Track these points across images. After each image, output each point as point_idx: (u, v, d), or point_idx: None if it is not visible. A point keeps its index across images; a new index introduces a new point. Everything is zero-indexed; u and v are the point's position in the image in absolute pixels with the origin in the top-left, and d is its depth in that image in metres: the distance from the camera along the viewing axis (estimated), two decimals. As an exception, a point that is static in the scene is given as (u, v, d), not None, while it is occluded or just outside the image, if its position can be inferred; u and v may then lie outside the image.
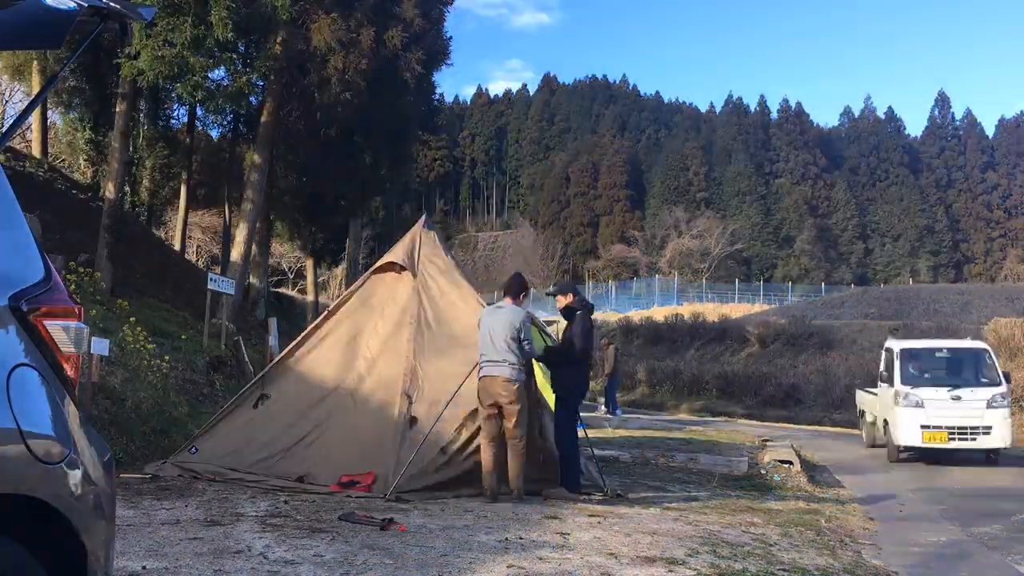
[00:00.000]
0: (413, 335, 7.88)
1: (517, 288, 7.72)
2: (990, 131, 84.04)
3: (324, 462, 7.43)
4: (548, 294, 9.17)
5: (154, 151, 24.31)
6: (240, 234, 17.41)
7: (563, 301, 7.93)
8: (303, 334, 8.27)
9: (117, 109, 16.27)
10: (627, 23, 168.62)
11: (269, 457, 7.51)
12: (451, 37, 20.53)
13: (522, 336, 7.15)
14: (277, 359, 8.07)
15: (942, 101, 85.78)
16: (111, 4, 2.53)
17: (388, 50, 16.24)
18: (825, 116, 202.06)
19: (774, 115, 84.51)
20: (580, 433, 7.84)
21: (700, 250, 66.04)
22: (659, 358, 26.71)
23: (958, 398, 11.95)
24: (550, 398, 7.92)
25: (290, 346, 8.18)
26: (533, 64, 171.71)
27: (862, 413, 15.43)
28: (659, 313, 36.25)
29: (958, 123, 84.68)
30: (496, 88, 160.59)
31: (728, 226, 69.15)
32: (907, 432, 12.00)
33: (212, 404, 10.80)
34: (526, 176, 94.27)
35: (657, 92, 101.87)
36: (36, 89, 21.42)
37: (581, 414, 7.93)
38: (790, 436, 15.43)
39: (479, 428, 7.30)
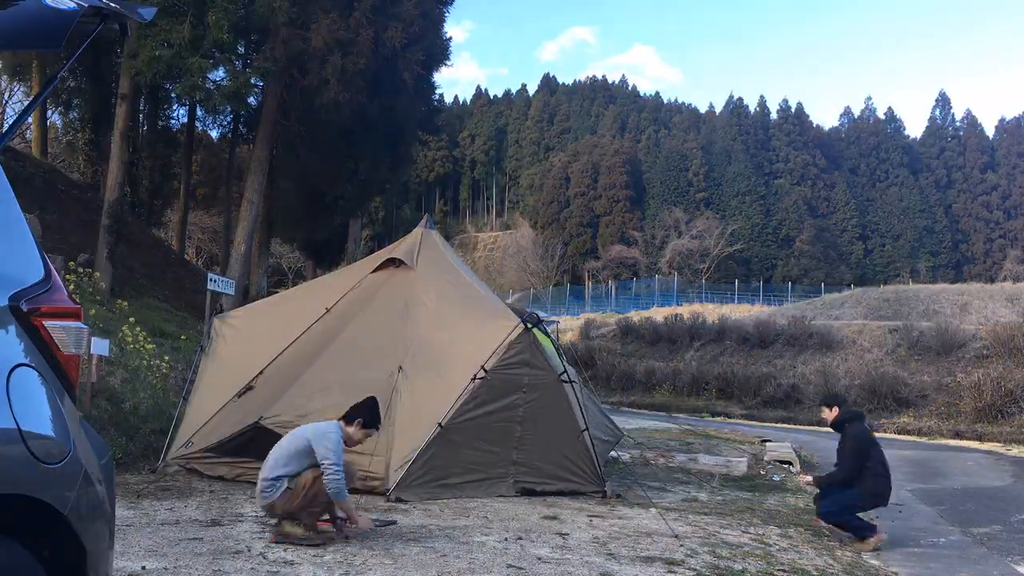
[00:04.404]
0: (408, 335, 7.88)
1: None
2: (990, 132, 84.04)
3: None
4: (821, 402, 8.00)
5: (154, 151, 24.33)
6: (240, 234, 17.41)
7: (829, 415, 7.04)
8: (300, 333, 8.25)
9: (117, 109, 16.27)
10: (629, 23, 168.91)
11: (253, 441, 7.55)
12: (451, 37, 20.55)
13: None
14: (274, 359, 8.05)
15: (942, 102, 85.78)
16: (111, 4, 2.53)
17: (387, 50, 16.23)
18: (825, 117, 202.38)
19: (774, 115, 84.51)
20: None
21: (700, 250, 65.96)
22: (659, 358, 26.68)
23: None
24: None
25: (287, 345, 8.16)
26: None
27: None
28: (659, 313, 36.18)
29: (958, 124, 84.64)
30: (496, 88, 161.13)
31: (728, 226, 69.08)
32: None
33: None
34: (526, 176, 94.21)
35: (657, 92, 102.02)
36: (36, 89, 21.42)
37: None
38: (790, 436, 15.43)
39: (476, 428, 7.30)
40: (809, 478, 7.36)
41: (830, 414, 7.03)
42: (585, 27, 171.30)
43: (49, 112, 24.96)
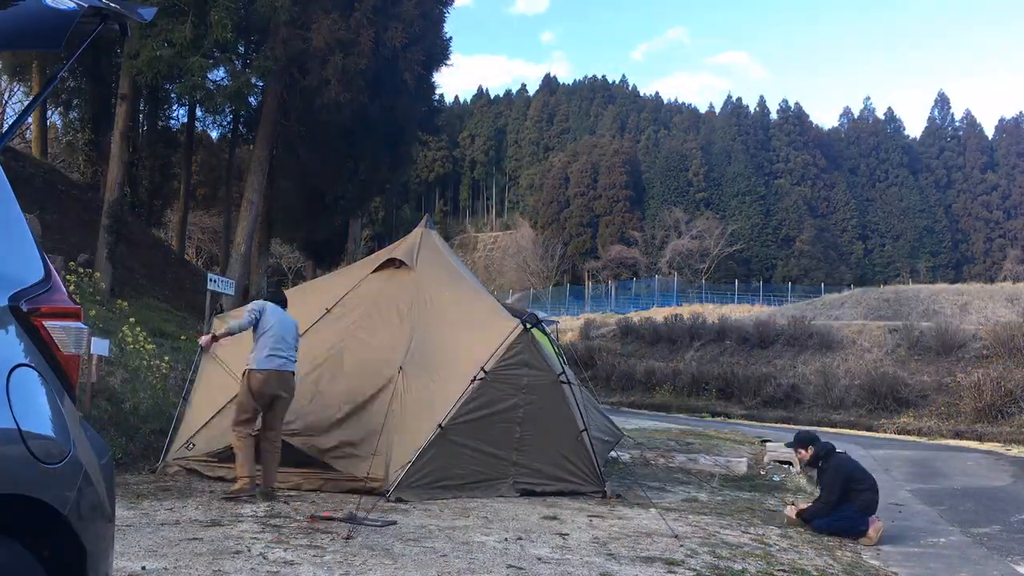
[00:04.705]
0: (408, 336, 7.88)
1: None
2: (990, 132, 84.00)
3: (310, 445, 7.49)
4: (787, 445, 8.76)
5: (154, 151, 24.33)
6: (240, 234, 17.40)
7: (804, 455, 7.38)
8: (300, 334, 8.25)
9: (117, 109, 16.26)
10: (629, 23, 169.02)
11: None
12: (451, 38, 20.54)
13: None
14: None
15: (942, 102, 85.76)
16: (111, 4, 2.53)
17: (388, 50, 16.23)
18: (825, 117, 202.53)
19: (774, 115, 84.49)
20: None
21: (700, 250, 65.95)
22: (659, 358, 26.70)
23: None
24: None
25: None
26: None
27: None
28: (659, 313, 36.20)
29: (958, 124, 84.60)
30: (496, 88, 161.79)
31: (728, 226, 69.07)
32: None
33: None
34: (525, 176, 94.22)
35: (656, 92, 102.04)
36: (36, 89, 21.42)
37: None
38: (790, 436, 15.43)
39: (476, 428, 7.29)
40: (791, 513, 7.25)
41: (806, 454, 7.31)
42: (680, 27, 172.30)
43: (49, 112, 24.96)
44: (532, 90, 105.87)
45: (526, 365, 7.61)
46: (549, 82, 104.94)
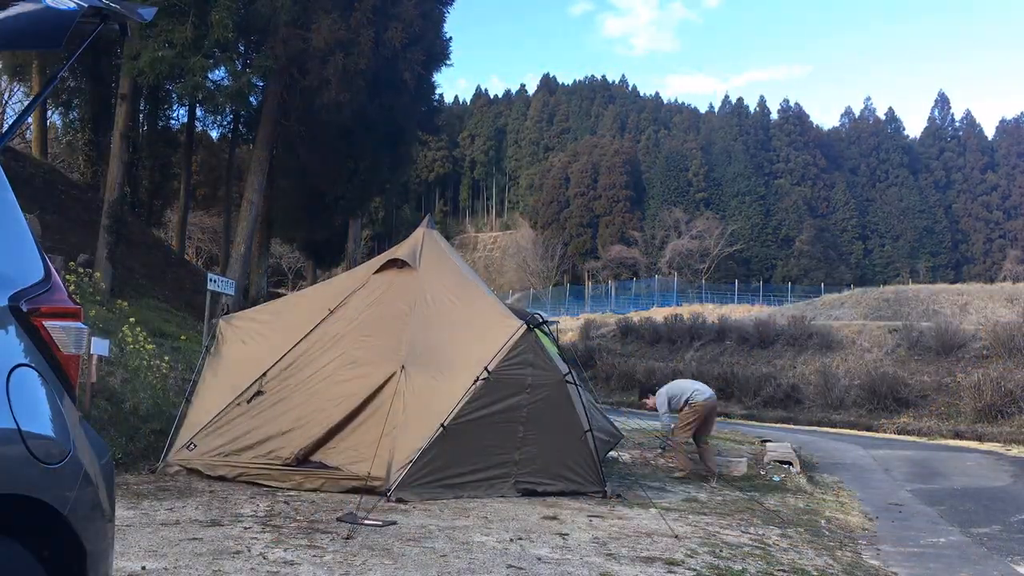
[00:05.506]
0: (410, 336, 7.89)
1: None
2: (990, 132, 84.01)
3: (313, 447, 7.50)
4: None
5: (154, 151, 24.34)
6: (240, 234, 17.41)
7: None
8: (303, 335, 8.26)
9: (117, 110, 16.27)
10: (628, 23, 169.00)
11: (260, 443, 7.58)
12: (451, 38, 20.53)
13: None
14: (278, 360, 8.06)
15: (942, 102, 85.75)
16: (111, 4, 2.53)
17: (388, 50, 16.23)
18: (825, 117, 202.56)
19: (774, 115, 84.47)
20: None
21: (700, 250, 65.94)
22: (659, 358, 26.68)
23: None
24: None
25: (289, 347, 8.17)
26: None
27: None
28: (659, 313, 36.18)
29: (958, 124, 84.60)
30: (495, 88, 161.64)
31: (728, 226, 69.06)
32: None
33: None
34: (525, 176, 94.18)
35: (656, 93, 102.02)
36: (36, 89, 21.42)
37: None
38: (790, 436, 15.43)
39: (475, 429, 7.30)
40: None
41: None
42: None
43: (49, 112, 24.98)
44: (532, 90, 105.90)
45: (530, 365, 7.61)
46: (548, 82, 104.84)
